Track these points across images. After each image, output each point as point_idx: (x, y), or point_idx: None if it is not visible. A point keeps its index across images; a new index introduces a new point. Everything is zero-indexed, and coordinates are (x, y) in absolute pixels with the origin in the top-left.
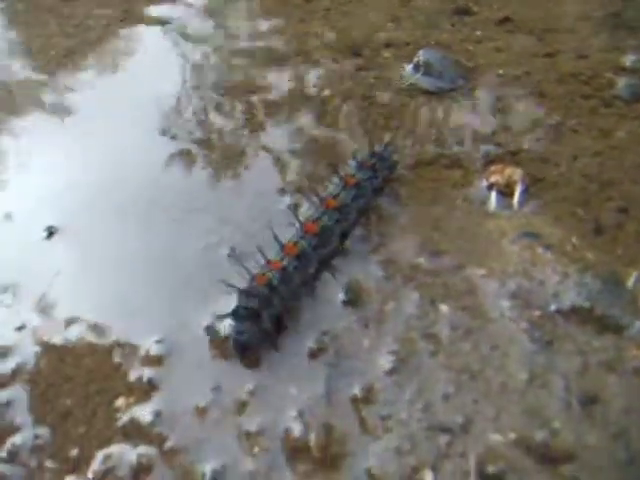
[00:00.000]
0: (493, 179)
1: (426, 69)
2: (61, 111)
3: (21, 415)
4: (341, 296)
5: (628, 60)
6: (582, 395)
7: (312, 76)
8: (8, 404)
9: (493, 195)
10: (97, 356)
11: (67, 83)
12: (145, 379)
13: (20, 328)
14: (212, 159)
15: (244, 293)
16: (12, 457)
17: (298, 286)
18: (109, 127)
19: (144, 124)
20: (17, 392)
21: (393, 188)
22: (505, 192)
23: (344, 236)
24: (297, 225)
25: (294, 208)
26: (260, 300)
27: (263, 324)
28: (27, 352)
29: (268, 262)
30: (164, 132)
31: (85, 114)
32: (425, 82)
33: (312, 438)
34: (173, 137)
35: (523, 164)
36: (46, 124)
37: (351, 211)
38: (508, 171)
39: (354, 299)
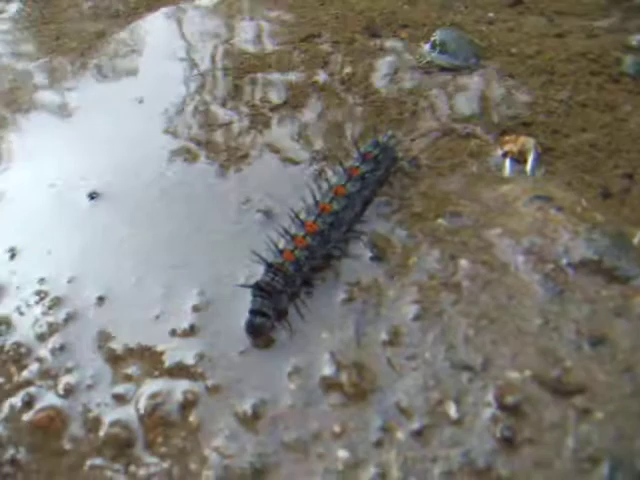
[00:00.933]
0: (507, 148)
1: (442, 48)
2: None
3: (74, 358)
4: (368, 253)
5: (634, 40)
6: (591, 337)
7: (333, 55)
8: (62, 348)
9: (507, 162)
10: (142, 305)
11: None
12: (187, 326)
13: (70, 281)
14: (237, 134)
15: (271, 270)
16: (68, 394)
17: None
18: (140, 105)
19: (172, 100)
20: (70, 337)
21: (413, 157)
22: (519, 159)
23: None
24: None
25: (319, 175)
26: (284, 280)
27: (282, 304)
28: (77, 302)
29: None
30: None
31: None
32: (441, 60)
33: (344, 376)
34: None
35: (535, 135)
36: (85, 101)
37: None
38: (521, 140)
39: (380, 255)
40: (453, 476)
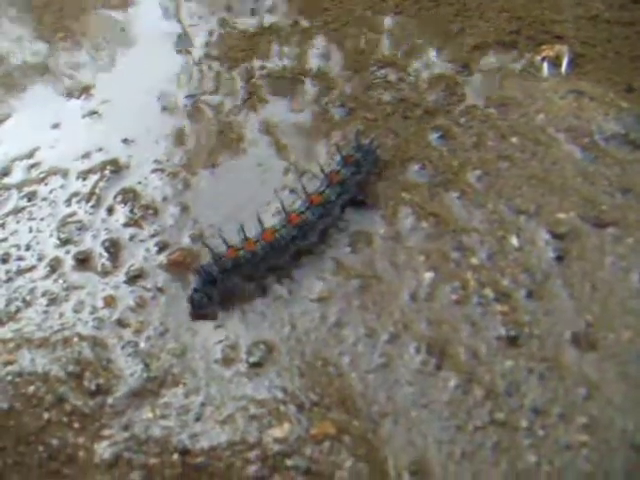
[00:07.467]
0: (544, 53)
1: None
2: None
3: (194, 215)
4: (435, 134)
5: None
6: (622, 188)
7: None
8: (184, 209)
9: (545, 65)
10: (247, 173)
11: None
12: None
13: (181, 161)
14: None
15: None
16: (194, 240)
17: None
18: None
19: None
20: (188, 201)
21: (464, 64)
22: (554, 63)
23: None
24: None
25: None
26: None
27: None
28: (190, 176)
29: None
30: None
31: None
32: None
33: (423, 222)
34: None
35: (567, 45)
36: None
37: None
38: (556, 47)
39: (445, 134)
40: (518, 285)
